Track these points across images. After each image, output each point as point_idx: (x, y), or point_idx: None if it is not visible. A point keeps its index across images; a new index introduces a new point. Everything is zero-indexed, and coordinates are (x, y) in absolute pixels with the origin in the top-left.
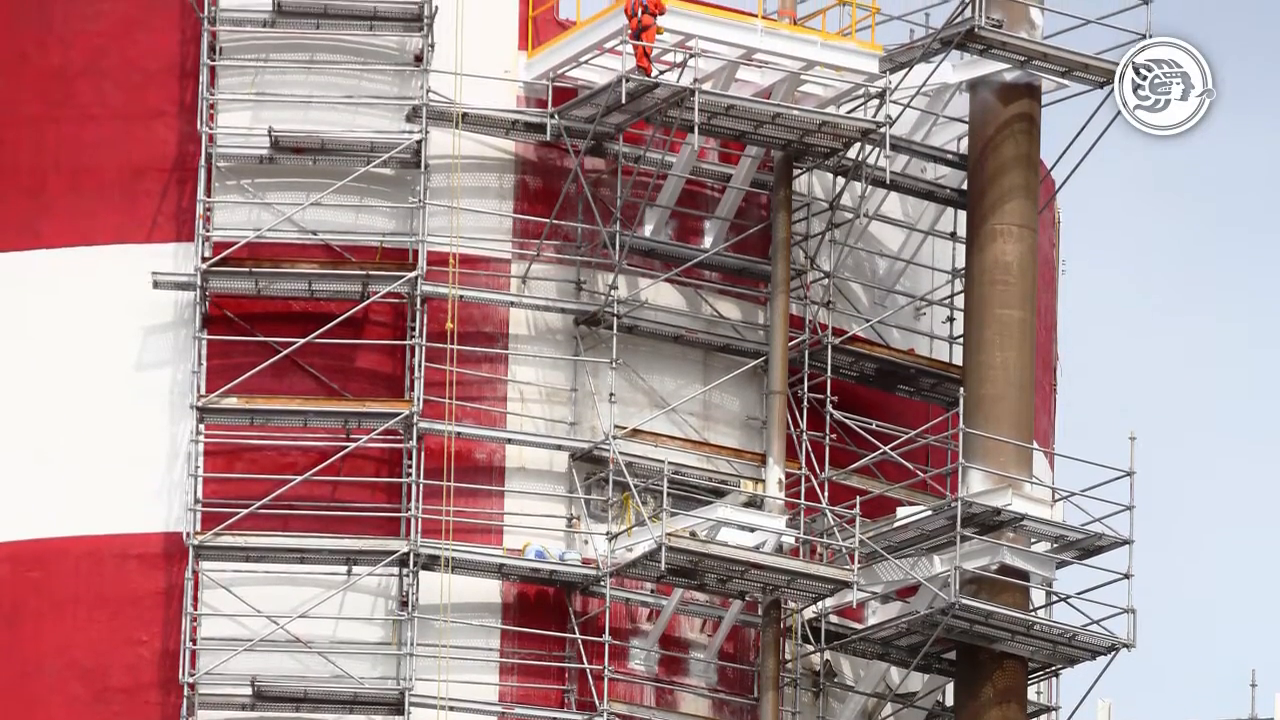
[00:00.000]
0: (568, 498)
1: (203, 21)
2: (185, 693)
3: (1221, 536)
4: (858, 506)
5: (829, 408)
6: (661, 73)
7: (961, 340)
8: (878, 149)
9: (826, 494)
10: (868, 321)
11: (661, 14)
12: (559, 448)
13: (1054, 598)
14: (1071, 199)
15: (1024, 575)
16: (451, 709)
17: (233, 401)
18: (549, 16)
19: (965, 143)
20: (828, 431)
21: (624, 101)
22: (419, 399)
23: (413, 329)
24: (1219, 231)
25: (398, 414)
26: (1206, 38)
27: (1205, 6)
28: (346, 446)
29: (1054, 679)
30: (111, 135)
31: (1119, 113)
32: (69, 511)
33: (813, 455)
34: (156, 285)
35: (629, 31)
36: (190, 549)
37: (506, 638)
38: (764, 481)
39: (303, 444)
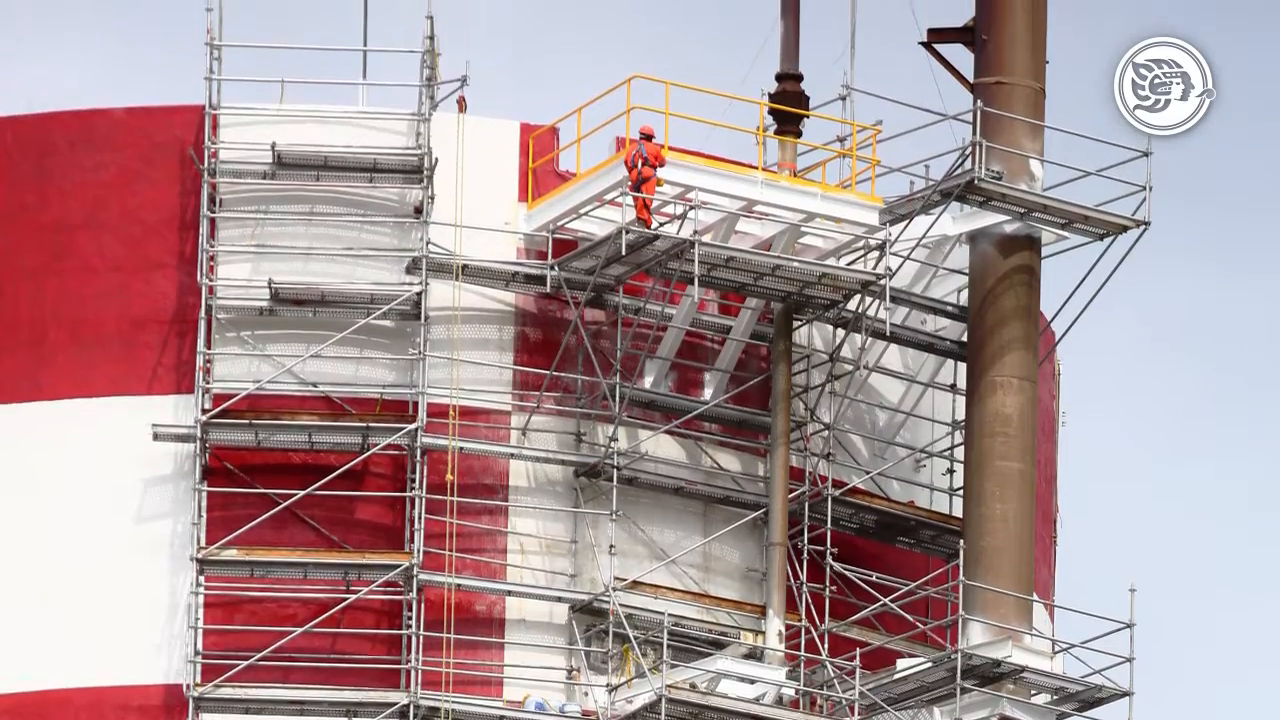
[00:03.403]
0: (568, 649)
1: (202, 173)
2: None
3: (1222, 689)
4: (858, 658)
5: (829, 559)
6: (661, 224)
7: (961, 492)
8: (878, 301)
9: (826, 646)
10: (868, 473)
11: (662, 166)
12: (559, 599)
13: None
14: (1072, 351)
15: None
16: None
17: (233, 553)
18: (549, 168)
19: (965, 294)
20: (828, 583)
21: (624, 253)
22: (419, 551)
23: (413, 481)
24: (1218, 383)
25: (398, 566)
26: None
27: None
28: (347, 598)
29: None
30: (111, 287)
31: (1121, 261)
32: (70, 663)
33: (813, 607)
34: (156, 437)
35: (629, 183)
36: (190, 701)
37: None
38: (764, 633)
39: (303, 595)
